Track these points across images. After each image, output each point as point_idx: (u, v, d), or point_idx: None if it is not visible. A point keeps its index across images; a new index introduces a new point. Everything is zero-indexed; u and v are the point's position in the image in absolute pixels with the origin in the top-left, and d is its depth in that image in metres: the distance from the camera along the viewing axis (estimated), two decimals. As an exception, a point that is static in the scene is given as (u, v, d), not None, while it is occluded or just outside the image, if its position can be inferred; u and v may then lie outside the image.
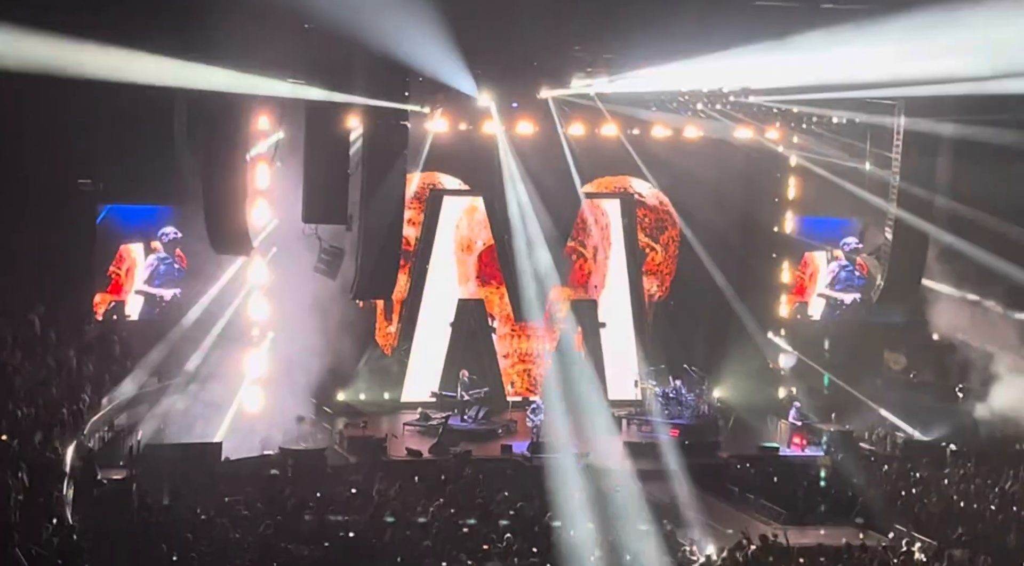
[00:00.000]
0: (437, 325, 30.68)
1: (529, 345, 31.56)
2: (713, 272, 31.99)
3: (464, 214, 31.12)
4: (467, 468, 24.97)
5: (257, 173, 27.36)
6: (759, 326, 32.49)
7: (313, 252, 26.55)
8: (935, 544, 21.66)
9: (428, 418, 28.86)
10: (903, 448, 28.19)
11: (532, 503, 22.42)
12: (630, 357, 31.65)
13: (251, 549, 18.76)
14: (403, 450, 26.83)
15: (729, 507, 24.97)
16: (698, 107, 29.52)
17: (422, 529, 20.33)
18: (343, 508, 21.35)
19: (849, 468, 26.40)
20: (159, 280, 28.57)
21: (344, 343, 29.49)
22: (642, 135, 30.47)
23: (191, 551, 18.16)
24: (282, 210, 28.46)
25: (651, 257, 32.48)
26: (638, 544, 20.83)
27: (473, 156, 30.05)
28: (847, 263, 32.62)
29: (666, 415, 29.42)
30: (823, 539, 21.45)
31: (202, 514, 20.35)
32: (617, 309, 31.74)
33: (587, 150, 30.21)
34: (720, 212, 32.02)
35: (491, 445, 27.89)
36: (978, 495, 24.39)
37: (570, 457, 26.32)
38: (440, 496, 22.36)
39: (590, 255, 31.98)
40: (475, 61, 26.12)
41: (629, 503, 24.29)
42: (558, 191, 29.97)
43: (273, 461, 24.86)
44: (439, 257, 30.74)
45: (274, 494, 22.21)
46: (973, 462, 26.47)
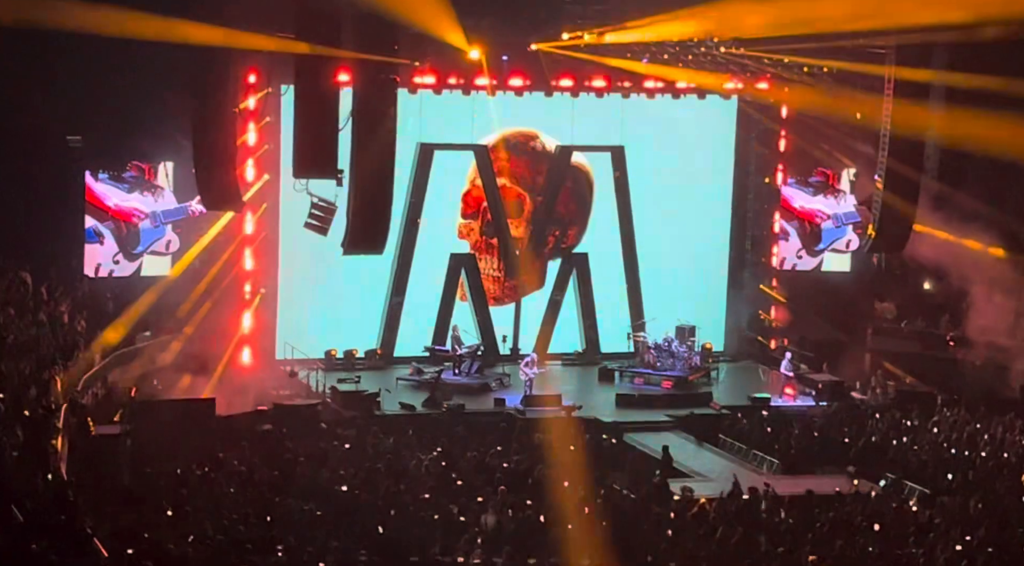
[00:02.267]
0: (430, 279, 30.71)
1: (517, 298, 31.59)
2: (706, 224, 32.16)
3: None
4: (460, 422, 25.10)
5: (247, 129, 27.30)
6: (752, 277, 32.63)
7: (304, 207, 26.51)
8: (926, 491, 21.83)
9: (421, 372, 28.94)
10: (894, 397, 28.33)
11: (525, 456, 22.55)
12: (622, 310, 31.72)
13: (245, 504, 18.85)
14: (396, 404, 26.91)
15: (721, 457, 25.10)
16: (689, 58, 29.46)
17: (416, 483, 20.44)
18: (337, 463, 21.45)
19: (840, 417, 26.56)
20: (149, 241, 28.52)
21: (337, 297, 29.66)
22: (634, 87, 30.42)
23: (186, 506, 18.26)
24: (272, 166, 28.48)
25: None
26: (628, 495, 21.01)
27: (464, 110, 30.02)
28: (838, 215, 32.61)
29: (658, 367, 29.55)
30: (815, 487, 21.57)
31: (196, 469, 20.45)
32: (609, 263, 31.75)
33: (574, 104, 30.20)
34: (712, 163, 32.09)
35: (484, 399, 27.98)
36: (968, 442, 24.55)
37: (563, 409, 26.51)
38: (434, 450, 22.47)
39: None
40: (465, 14, 25.99)
41: (621, 454, 24.51)
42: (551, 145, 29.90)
43: (267, 416, 24.94)
44: (431, 211, 30.70)
45: (268, 449, 22.32)
46: (963, 409, 26.62)
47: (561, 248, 31.84)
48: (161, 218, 28.50)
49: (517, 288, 31.36)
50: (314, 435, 23.78)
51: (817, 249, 32.89)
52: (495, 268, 31.49)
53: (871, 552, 18.08)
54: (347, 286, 29.80)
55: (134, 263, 28.54)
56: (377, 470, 20.96)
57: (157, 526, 17.23)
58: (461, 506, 19.21)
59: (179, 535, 16.82)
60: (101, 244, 28.14)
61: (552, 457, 22.56)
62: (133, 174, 28.19)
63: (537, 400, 27.14)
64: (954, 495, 21.24)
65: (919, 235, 28.93)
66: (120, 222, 28.27)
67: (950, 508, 20.36)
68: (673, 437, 25.83)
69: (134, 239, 28.42)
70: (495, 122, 30.54)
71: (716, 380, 30.05)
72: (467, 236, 31.30)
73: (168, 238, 28.62)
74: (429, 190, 30.58)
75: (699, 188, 32.13)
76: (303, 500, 19.09)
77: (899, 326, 32.14)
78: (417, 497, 19.56)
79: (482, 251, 31.39)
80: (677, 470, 23.64)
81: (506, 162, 31.17)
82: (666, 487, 21.80)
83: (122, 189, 28.14)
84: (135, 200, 28.31)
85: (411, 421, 25.60)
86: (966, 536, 18.74)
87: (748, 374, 30.83)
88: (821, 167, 32.36)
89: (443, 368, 28.87)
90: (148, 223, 28.42)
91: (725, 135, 32.15)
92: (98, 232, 28.10)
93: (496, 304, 31.46)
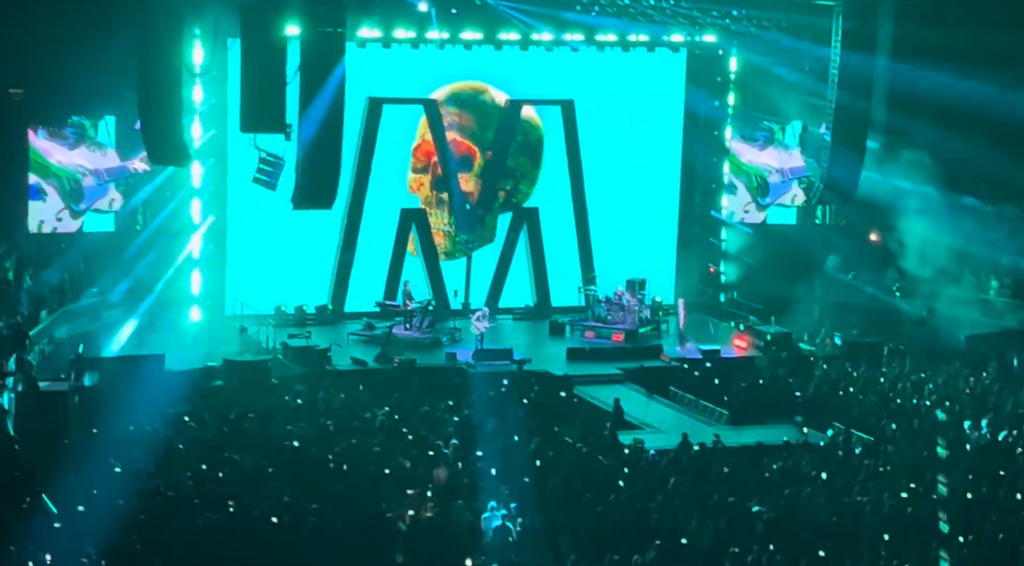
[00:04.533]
0: (379, 235, 30.59)
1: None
2: (656, 177, 32.24)
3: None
4: (412, 377, 25.10)
5: (194, 83, 27.00)
6: (701, 230, 32.78)
7: (253, 162, 26.28)
8: (873, 440, 22.13)
9: (372, 327, 28.89)
10: (841, 348, 28.62)
11: (477, 410, 22.60)
12: (573, 264, 31.78)
13: (195, 460, 18.79)
14: (348, 360, 26.87)
15: (671, 409, 25.28)
16: (638, 11, 29.40)
17: (367, 438, 20.46)
18: (288, 418, 21.41)
19: (788, 368, 26.81)
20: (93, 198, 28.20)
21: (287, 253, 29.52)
22: (583, 40, 30.37)
23: (135, 462, 18.18)
24: (219, 120, 28.19)
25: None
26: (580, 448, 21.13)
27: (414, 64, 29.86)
28: (784, 169, 32.77)
29: (609, 320, 29.67)
30: (763, 438, 21.80)
31: (146, 425, 20.34)
32: (560, 217, 31.76)
33: (524, 57, 30.14)
34: (662, 117, 32.13)
35: (436, 353, 27.99)
36: (914, 391, 24.87)
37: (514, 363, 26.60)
38: (385, 405, 22.47)
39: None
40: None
41: (572, 408, 24.63)
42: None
43: (217, 373, 24.82)
44: (381, 166, 30.55)
45: (218, 405, 22.23)
46: (909, 360, 26.95)
47: (511, 203, 31.80)
48: (104, 175, 28.18)
49: (467, 243, 31.35)
50: (265, 391, 23.71)
51: (763, 203, 33.09)
52: (445, 223, 31.42)
53: (819, 501, 18.32)
54: (297, 241, 29.63)
55: (77, 220, 28.24)
56: (328, 426, 20.94)
57: (106, 483, 17.15)
58: (413, 460, 19.25)
59: (128, 491, 16.76)
60: (44, 201, 27.80)
61: (503, 411, 22.65)
62: (75, 131, 27.82)
63: (488, 354, 27.19)
64: (900, 444, 21.54)
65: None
66: (63, 179, 27.93)
67: (896, 457, 20.65)
68: (624, 390, 25.98)
69: (77, 195, 28.09)
70: (444, 76, 30.41)
71: (666, 333, 30.22)
72: (417, 191, 31.19)
73: (111, 196, 28.32)
74: (378, 145, 30.42)
75: (649, 142, 32.18)
76: (254, 456, 19.05)
77: (846, 278, 32.41)
78: (369, 452, 19.57)
79: (432, 206, 31.30)
80: (628, 422, 23.79)
81: (456, 116, 31.06)
82: (617, 439, 21.96)
83: (65, 145, 27.78)
84: (78, 156, 27.97)
85: (362, 376, 25.56)
86: (911, 484, 19.03)
87: (697, 327, 30.99)
88: (769, 120, 32.48)
89: (394, 323, 28.82)
90: (91, 180, 28.09)
91: (675, 89, 32.17)
92: (41, 189, 27.75)
93: (447, 259, 31.43)
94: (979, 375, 26.00)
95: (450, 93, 30.90)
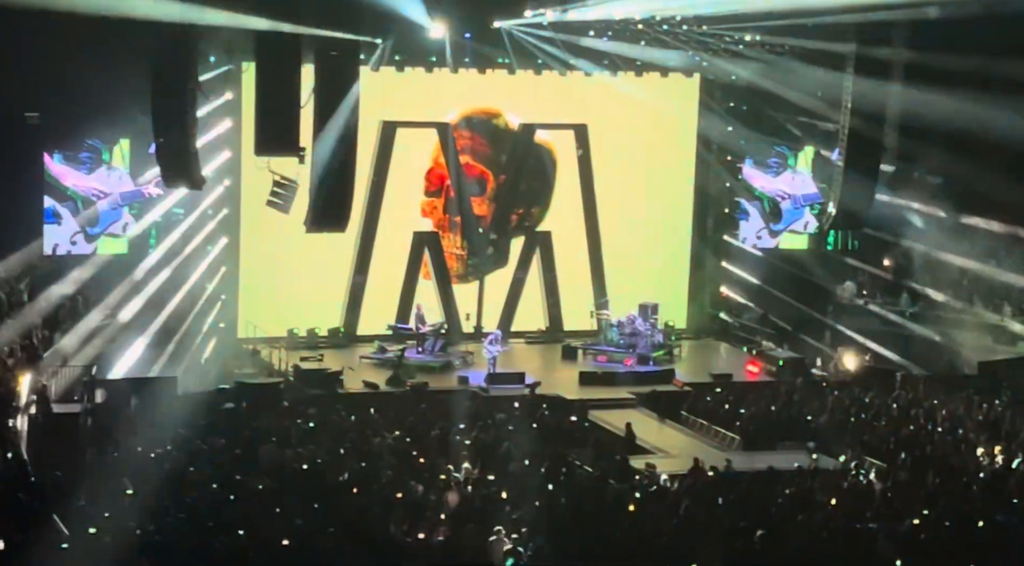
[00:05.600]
0: (392, 258, 30.65)
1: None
2: (668, 202, 32.26)
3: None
4: (424, 400, 25.10)
5: (208, 106, 27.13)
6: (714, 255, 32.79)
7: (266, 186, 26.38)
8: (884, 466, 22.03)
9: (384, 350, 28.91)
10: (854, 374, 28.53)
11: (489, 433, 22.58)
12: (585, 289, 31.79)
13: (207, 483, 18.79)
14: (359, 383, 26.88)
15: (683, 434, 25.22)
16: (651, 36, 29.50)
17: (378, 460, 20.44)
18: (300, 441, 21.40)
19: (801, 394, 26.74)
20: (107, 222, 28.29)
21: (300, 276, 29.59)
22: (596, 65, 30.45)
23: (147, 484, 18.17)
24: (233, 143, 28.32)
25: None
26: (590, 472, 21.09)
27: (427, 88, 29.98)
28: (796, 196, 32.75)
29: (621, 345, 29.65)
30: (775, 463, 21.72)
31: (157, 448, 20.36)
32: (572, 241, 31.79)
33: (537, 82, 30.23)
34: (674, 142, 32.18)
35: (448, 377, 27.99)
36: (927, 418, 24.77)
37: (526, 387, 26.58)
38: (397, 428, 22.46)
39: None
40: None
41: (584, 432, 24.59)
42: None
43: (228, 395, 24.85)
44: (394, 189, 30.63)
45: (230, 428, 22.24)
46: (922, 386, 26.85)
47: (524, 226, 31.85)
48: (119, 200, 28.29)
49: (479, 267, 31.38)
50: (277, 414, 23.72)
51: (776, 229, 33.07)
52: (458, 246, 31.48)
53: (831, 527, 18.23)
54: (310, 264, 29.71)
55: (91, 244, 28.34)
56: (340, 449, 20.93)
57: (118, 505, 17.15)
58: (424, 484, 19.23)
59: (140, 514, 16.75)
60: (59, 224, 27.90)
61: (515, 435, 22.63)
62: (90, 154, 27.94)
63: (500, 378, 27.18)
64: (912, 471, 21.44)
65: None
66: (78, 203, 28.04)
67: (908, 484, 20.55)
68: (636, 414, 25.94)
69: (92, 220, 28.19)
70: (458, 100, 30.53)
71: (678, 357, 30.17)
72: (430, 214, 31.27)
73: (125, 220, 28.40)
74: (392, 168, 30.52)
75: (662, 166, 32.25)
76: (266, 479, 19.04)
77: (859, 303, 32.36)
78: (380, 476, 19.55)
79: (445, 229, 31.37)
80: (640, 447, 23.74)
81: (469, 140, 31.15)
82: (628, 464, 21.90)
83: (81, 170, 27.90)
84: (94, 180, 28.06)
85: (374, 399, 25.57)
86: (924, 510, 18.94)
87: (710, 351, 30.97)
88: (782, 145, 32.49)
89: (406, 346, 28.85)
90: (106, 204, 28.21)
91: (687, 113, 32.24)
92: (56, 213, 27.84)
93: (459, 282, 31.46)
94: (992, 402, 25.89)
95: (463, 117, 31.01)
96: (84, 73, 26.26)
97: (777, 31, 28.99)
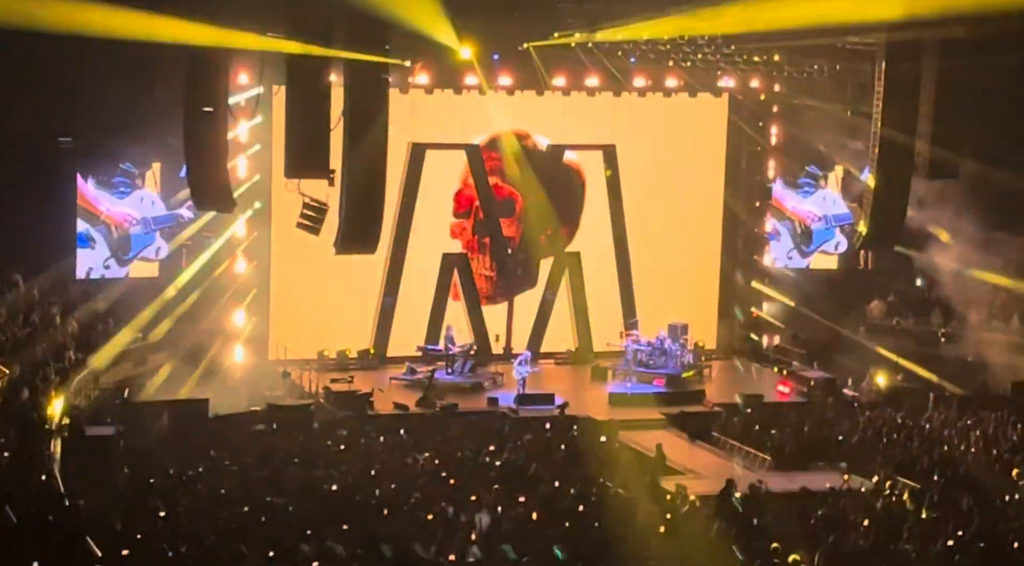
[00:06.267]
0: (422, 279, 30.71)
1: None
2: (698, 222, 32.20)
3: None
4: (454, 421, 25.10)
5: (239, 129, 27.30)
6: (744, 275, 32.69)
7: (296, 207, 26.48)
8: (918, 487, 21.86)
9: (414, 372, 28.94)
10: (886, 394, 28.37)
11: (519, 454, 22.55)
12: (614, 309, 31.74)
13: (239, 504, 18.83)
14: (390, 404, 26.91)
15: (714, 455, 25.12)
16: (679, 57, 29.53)
17: (408, 482, 20.44)
18: (330, 463, 21.43)
19: (833, 414, 26.59)
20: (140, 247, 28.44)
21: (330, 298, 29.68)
22: (625, 86, 30.51)
23: (179, 506, 18.24)
24: (264, 166, 28.48)
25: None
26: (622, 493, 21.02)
27: (456, 110, 30.09)
28: (827, 216, 32.61)
29: (651, 365, 29.58)
30: (807, 484, 21.60)
31: (189, 470, 20.43)
32: (602, 261, 31.78)
33: (566, 102, 30.29)
34: (703, 162, 32.15)
35: (477, 398, 27.99)
36: (960, 438, 24.60)
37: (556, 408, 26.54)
38: (427, 449, 22.46)
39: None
40: (456, 12, 26.00)
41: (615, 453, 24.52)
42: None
43: (259, 417, 24.91)
44: (423, 210, 30.71)
45: (261, 449, 22.29)
46: (955, 406, 26.67)
47: (553, 247, 31.84)
48: (151, 224, 28.45)
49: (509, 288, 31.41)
50: (307, 435, 23.76)
51: (807, 250, 32.91)
52: (487, 267, 31.52)
53: (864, 548, 18.10)
54: (340, 286, 29.81)
55: (124, 268, 28.49)
56: (370, 470, 20.94)
57: (151, 527, 17.21)
58: (455, 505, 19.21)
59: (172, 536, 16.80)
60: (92, 249, 28.06)
61: (545, 456, 22.59)
62: (124, 179, 28.12)
63: (530, 399, 27.16)
64: (946, 491, 21.28)
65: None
66: (112, 227, 28.21)
67: (942, 504, 20.39)
68: (666, 435, 25.85)
69: (125, 245, 28.34)
70: (486, 121, 30.60)
71: (708, 378, 30.07)
72: (459, 235, 31.32)
73: (158, 244, 28.52)
74: (421, 189, 30.61)
75: (691, 186, 32.22)
76: (297, 501, 19.07)
77: (890, 323, 32.18)
78: (411, 497, 19.55)
79: (474, 250, 31.41)
80: (670, 468, 23.65)
81: (498, 161, 31.21)
82: (659, 485, 21.82)
83: (114, 195, 28.08)
84: (126, 205, 28.22)
85: (404, 421, 25.58)
86: (958, 531, 18.79)
87: (740, 372, 30.85)
88: (812, 165, 32.38)
89: (436, 367, 28.87)
90: (139, 229, 28.36)
91: (716, 133, 32.22)
92: (89, 237, 28.00)
93: (489, 303, 31.48)
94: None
95: (492, 138, 31.08)
96: (117, 97, 26.55)
97: (805, 50, 28.93)
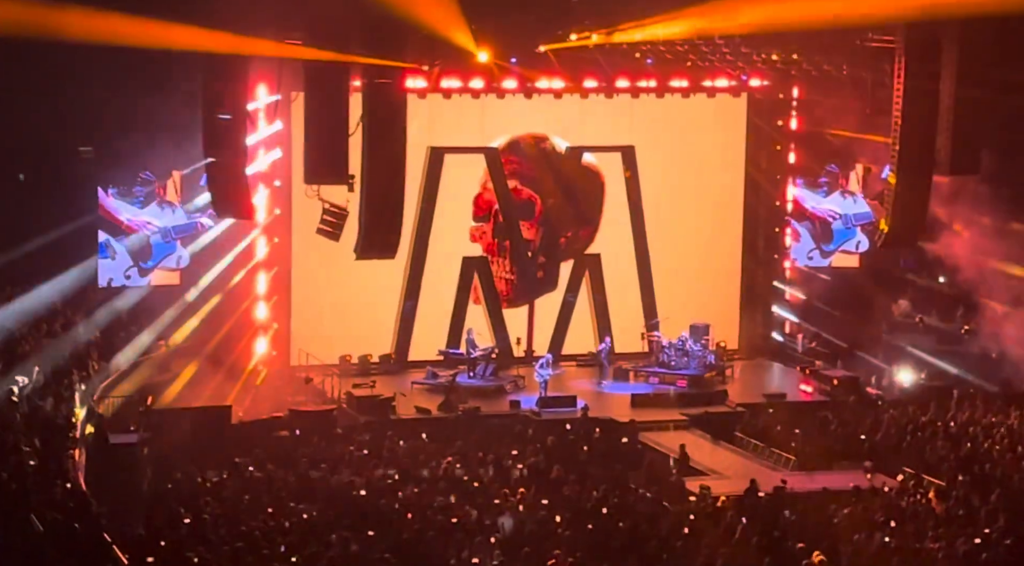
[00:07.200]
0: (442, 283, 30.73)
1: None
2: (718, 222, 32.13)
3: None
4: (476, 425, 25.10)
5: (257, 136, 27.38)
6: (765, 275, 32.59)
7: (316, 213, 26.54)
8: (943, 485, 21.76)
9: (436, 376, 28.96)
10: (910, 392, 28.24)
11: (542, 457, 22.54)
12: (635, 311, 31.69)
13: (262, 510, 18.87)
14: (412, 408, 26.93)
15: (737, 455, 25.07)
16: (697, 57, 29.48)
17: (432, 486, 20.46)
18: (353, 468, 21.47)
19: (856, 413, 26.49)
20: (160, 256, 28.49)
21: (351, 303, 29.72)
22: (643, 87, 30.47)
23: (203, 513, 18.29)
24: (283, 172, 28.54)
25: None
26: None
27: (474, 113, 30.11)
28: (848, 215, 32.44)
29: (673, 366, 29.52)
30: (831, 484, 21.53)
31: (213, 476, 20.49)
32: (622, 263, 31.74)
33: (584, 105, 30.31)
34: (723, 162, 32.09)
35: (499, 401, 27.99)
36: (985, 435, 24.47)
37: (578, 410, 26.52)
38: (450, 453, 22.47)
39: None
40: (473, 16, 26.01)
41: (638, 454, 24.50)
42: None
43: (282, 423, 24.97)
44: (443, 214, 30.73)
45: (284, 455, 22.35)
46: (980, 404, 26.53)
47: (573, 249, 31.83)
48: (172, 233, 28.50)
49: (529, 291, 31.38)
50: (330, 440, 23.81)
51: (828, 249, 32.72)
52: (507, 270, 31.52)
53: (890, 547, 18.03)
54: (360, 291, 29.84)
55: (145, 278, 28.51)
56: (393, 474, 20.97)
57: (175, 534, 17.27)
58: (478, 509, 19.22)
59: (197, 542, 16.85)
60: (113, 259, 28.08)
61: (568, 458, 22.58)
62: (143, 189, 28.19)
63: (552, 401, 27.15)
64: (971, 489, 21.16)
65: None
66: (132, 237, 28.24)
67: (967, 502, 20.29)
68: (689, 436, 25.81)
69: (146, 254, 28.37)
70: (505, 124, 30.61)
71: (731, 378, 30.00)
72: (479, 239, 31.33)
73: (179, 253, 28.53)
74: (440, 193, 30.62)
75: (710, 187, 32.15)
76: (320, 505, 19.11)
77: (913, 320, 32.04)
78: (433, 501, 19.57)
79: (494, 254, 31.42)
80: (694, 468, 23.62)
81: (517, 164, 31.22)
82: (683, 486, 21.79)
83: (135, 205, 28.13)
84: (147, 215, 28.23)
85: (426, 425, 25.61)
86: (985, 529, 18.69)
87: (763, 371, 30.77)
88: (831, 164, 32.22)
89: (458, 371, 28.88)
90: (159, 237, 28.42)
91: (735, 133, 32.13)
92: (110, 247, 28.02)
93: (509, 306, 31.48)
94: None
95: (511, 141, 31.09)
96: (136, 106, 26.63)
97: (824, 48, 28.83)
